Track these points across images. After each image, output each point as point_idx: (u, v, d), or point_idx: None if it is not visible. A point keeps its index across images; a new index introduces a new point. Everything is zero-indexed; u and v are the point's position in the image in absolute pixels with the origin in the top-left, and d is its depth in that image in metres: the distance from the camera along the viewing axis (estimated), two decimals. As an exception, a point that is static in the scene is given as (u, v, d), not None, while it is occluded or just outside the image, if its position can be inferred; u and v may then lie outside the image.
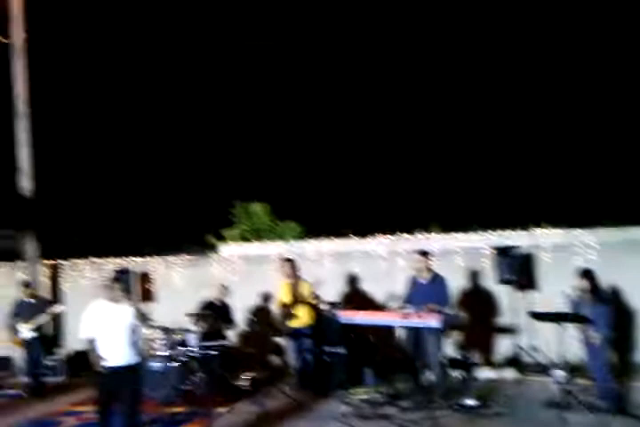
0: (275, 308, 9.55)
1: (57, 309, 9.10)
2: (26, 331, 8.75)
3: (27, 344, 8.83)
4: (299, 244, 10.77)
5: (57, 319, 9.57)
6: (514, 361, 8.45)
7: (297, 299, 7.93)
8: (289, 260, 8.20)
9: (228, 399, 7.63)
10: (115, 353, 5.93)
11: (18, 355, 9.72)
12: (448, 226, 11.74)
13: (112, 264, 10.98)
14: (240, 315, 9.48)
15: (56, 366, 9.30)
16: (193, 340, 7.21)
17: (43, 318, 8.85)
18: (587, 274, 6.80)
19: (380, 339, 8.57)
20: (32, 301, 9.06)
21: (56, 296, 10.87)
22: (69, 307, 10.56)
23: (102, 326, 5.98)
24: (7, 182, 12.01)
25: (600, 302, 6.62)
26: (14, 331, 8.82)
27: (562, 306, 7.40)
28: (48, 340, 9.52)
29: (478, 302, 9.25)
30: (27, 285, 9.30)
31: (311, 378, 7.93)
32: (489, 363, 8.98)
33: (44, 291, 10.90)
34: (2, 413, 7.61)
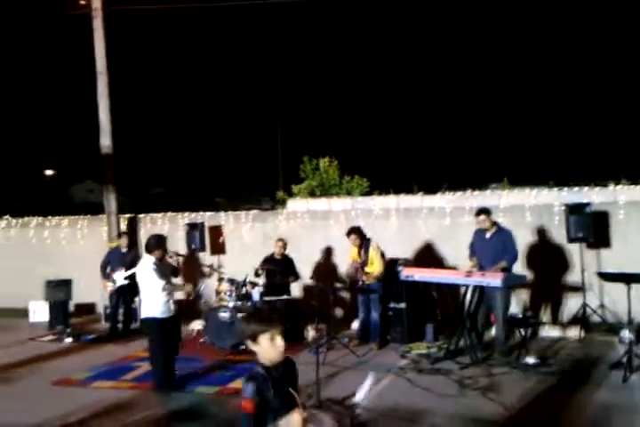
0: (337, 262, 9.74)
1: None
2: (120, 278, 9.29)
3: (118, 291, 9.41)
4: (364, 199, 10.80)
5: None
6: (581, 320, 8.28)
7: (367, 258, 8.01)
8: (354, 231, 8.17)
9: (291, 350, 7.94)
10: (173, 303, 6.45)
11: (102, 301, 10.43)
12: (520, 181, 11.45)
13: (186, 218, 11.42)
14: (306, 268, 9.72)
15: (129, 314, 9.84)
16: (257, 293, 7.49)
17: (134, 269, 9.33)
18: None
19: (443, 295, 8.59)
20: (125, 251, 9.60)
21: (134, 248, 11.45)
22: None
23: (165, 279, 6.45)
24: (89, 139, 12.58)
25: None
26: (107, 277, 9.41)
27: (636, 265, 7.17)
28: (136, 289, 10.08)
29: (547, 259, 9.06)
30: (124, 235, 9.85)
31: (375, 331, 8.09)
32: (555, 321, 8.87)
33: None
34: (84, 356, 8.23)
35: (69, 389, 6.64)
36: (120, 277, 9.25)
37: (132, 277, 9.31)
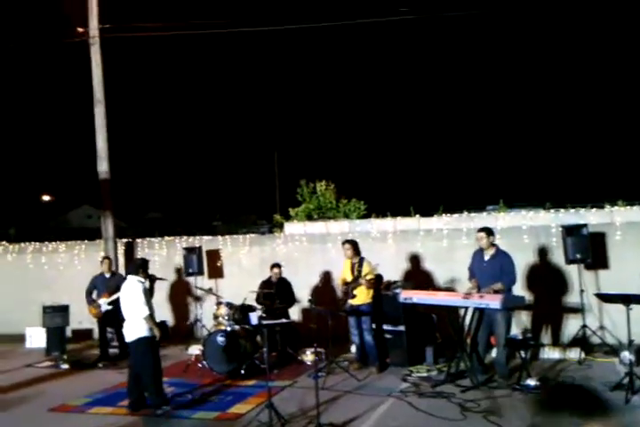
0: (336, 285, 9.73)
1: None
2: (103, 304, 9.29)
3: (104, 317, 9.39)
4: (362, 222, 10.82)
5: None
6: (581, 341, 8.25)
7: (358, 278, 8.01)
8: (350, 241, 8.26)
9: (290, 374, 7.89)
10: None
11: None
12: (516, 203, 11.51)
13: (183, 242, 11.42)
14: (303, 292, 9.69)
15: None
16: (255, 316, 7.45)
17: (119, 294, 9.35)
18: None
19: (443, 318, 8.56)
20: (109, 276, 9.59)
21: (117, 273, 11.42)
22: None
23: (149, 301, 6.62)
24: (86, 163, 12.63)
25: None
26: (92, 303, 9.39)
27: (635, 286, 7.18)
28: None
29: (546, 281, 9.07)
30: (107, 259, 9.86)
31: (372, 355, 8.04)
32: (555, 343, 8.83)
33: (120, 267, 11.50)
34: (81, 382, 8.15)
35: (66, 415, 6.57)
36: (103, 302, 9.26)
37: (115, 302, 9.36)
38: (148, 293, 6.74)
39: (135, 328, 6.50)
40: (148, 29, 11.66)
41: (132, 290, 6.57)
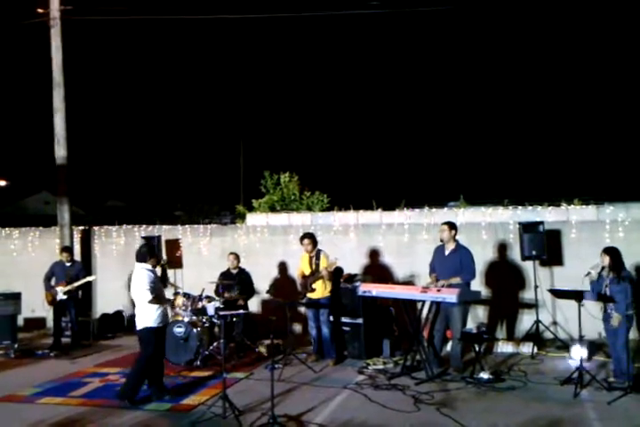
0: (296, 277, 9.71)
1: (89, 278, 9.48)
2: (60, 293, 9.13)
3: (59, 305, 9.23)
4: (324, 215, 10.82)
5: (88, 284, 9.89)
6: (534, 336, 8.42)
7: (316, 271, 8.00)
8: (309, 236, 8.23)
9: (247, 365, 7.86)
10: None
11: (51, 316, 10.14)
12: (476, 199, 11.65)
13: (142, 231, 11.24)
14: (264, 283, 9.65)
15: (80, 329, 9.62)
16: (212, 307, 7.39)
17: (76, 284, 9.20)
18: (609, 251, 6.71)
19: (400, 311, 8.63)
20: (68, 264, 9.42)
21: (87, 260, 11.20)
22: (99, 271, 10.97)
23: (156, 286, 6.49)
24: (45, 149, 12.30)
25: (621, 280, 6.54)
26: (50, 289, 9.21)
27: (587, 283, 7.33)
28: (80, 303, 9.80)
29: (502, 276, 9.21)
30: (67, 250, 9.69)
31: (328, 347, 8.06)
32: (509, 337, 9.00)
33: (76, 255, 11.26)
34: (31, 372, 7.96)
35: (14, 405, 6.40)
36: (59, 290, 9.12)
37: (71, 292, 9.19)
38: (156, 279, 6.52)
39: (142, 317, 6.39)
40: (111, 13, 11.40)
41: (136, 278, 6.45)
